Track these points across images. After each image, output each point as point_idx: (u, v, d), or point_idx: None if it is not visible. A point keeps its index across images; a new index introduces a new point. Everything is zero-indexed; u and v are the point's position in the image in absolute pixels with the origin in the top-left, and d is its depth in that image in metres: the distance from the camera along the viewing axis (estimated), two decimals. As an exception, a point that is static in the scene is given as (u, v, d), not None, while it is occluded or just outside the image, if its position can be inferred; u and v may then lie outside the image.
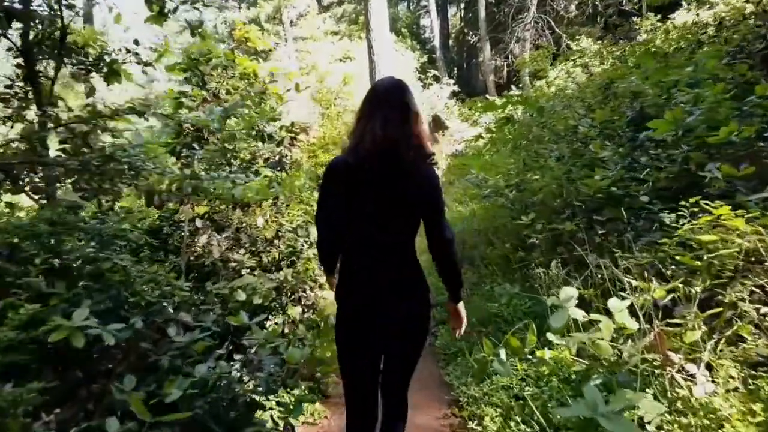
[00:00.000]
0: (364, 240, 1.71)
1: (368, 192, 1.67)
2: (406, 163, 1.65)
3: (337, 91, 11.20)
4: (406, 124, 1.68)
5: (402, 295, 1.72)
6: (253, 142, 3.98)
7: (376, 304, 1.71)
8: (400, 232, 1.71)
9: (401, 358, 1.85)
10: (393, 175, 1.66)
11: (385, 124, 1.65)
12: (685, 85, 3.33)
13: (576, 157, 3.98)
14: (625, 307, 1.89)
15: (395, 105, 1.70)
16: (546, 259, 3.35)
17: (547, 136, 4.72)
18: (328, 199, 1.73)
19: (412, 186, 1.68)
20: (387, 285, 1.71)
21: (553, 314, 1.91)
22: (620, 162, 3.62)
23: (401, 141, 1.65)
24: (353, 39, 17.92)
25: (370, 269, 1.72)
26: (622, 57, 7.30)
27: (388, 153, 1.64)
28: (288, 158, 4.07)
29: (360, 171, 1.66)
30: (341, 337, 1.79)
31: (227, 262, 3.22)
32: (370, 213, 1.68)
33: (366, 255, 1.72)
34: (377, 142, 1.64)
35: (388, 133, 1.64)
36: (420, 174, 1.69)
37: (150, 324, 2.43)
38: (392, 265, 1.72)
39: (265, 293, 3.11)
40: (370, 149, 1.64)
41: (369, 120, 1.69)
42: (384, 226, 1.69)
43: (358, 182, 1.67)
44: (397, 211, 1.69)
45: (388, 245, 1.71)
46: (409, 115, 1.71)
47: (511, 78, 14.60)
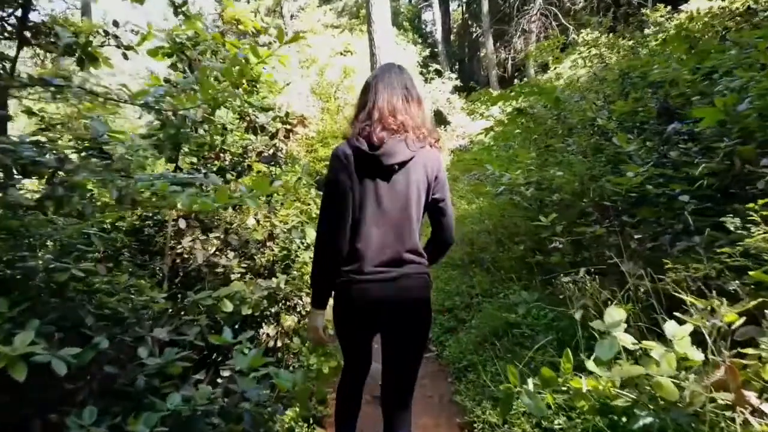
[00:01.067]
0: (374, 225, 1.67)
1: (377, 177, 1.65)
2: (413, 146, 1.65)
3: (337, 84, 10.80)
4: (411, 107, 1.70)
5: (407, 281, 1.69)
6: (246, 135, 3.60)
7: (381, 290, 1.68)
8: (408, 217, 1.68)
9: (402, 350, 1.79)
10: (402, 159, 1.64)
11: (390, 108, 1.67)
12: (726, 72, 2.95)
13: (597, 152, 3.61)
14: (687, 333, 1.53)
15: (398, 89, 1.71)
16: (569, 264, 2.99)
17: (562, 129, 4.35)
18: (338, 190, 1.67)
19: (419, 170, 1.67)
20: (392, 270, 1.68)
21: (599, 343, 1.54)
22: (647, 157, 3.26)
23: (408, 124, 1.66)
24: (354, 32, 17.50)
25: (380, 255, 1.67)
26: (635, 47, 6.91)
27: (395, 137, 1.64)
28: (283, 152, 3.69)
29: (366, 156, 1.63)
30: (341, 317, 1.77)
31: (214, 267, 2.86)
32: (380, 198, 1.66)
33: (375, 240, 1.67)
34: (385, 126, 1.64)
35: (395, 117, 1.66)
36: (426, 157, 1.69)
37: (118, 343, 2.07)
38: (403, 251, 1.69)
39: (255, 302, 2.75)
40: (379, 134, 1.63)
41: (372, 105, 1.69)
42: (392, 211, 1.67)
43: (367, 168, 1.65)
44: (406, 196, 1.67)
45: (399, 230, 1.68)
46: (412, 98, 1.73)
47: (514, 72, 14.18)
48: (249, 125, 3.35)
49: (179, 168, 3.24)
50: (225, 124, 3.29)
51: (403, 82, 1.75)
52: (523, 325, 2.89)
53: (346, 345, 1.89)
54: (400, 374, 1.84)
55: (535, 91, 3.93)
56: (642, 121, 4.13)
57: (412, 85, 1.77)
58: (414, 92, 1.76)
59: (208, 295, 2.55)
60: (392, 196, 1.67)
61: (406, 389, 1.86)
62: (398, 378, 1.84)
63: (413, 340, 1.78)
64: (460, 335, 3.53)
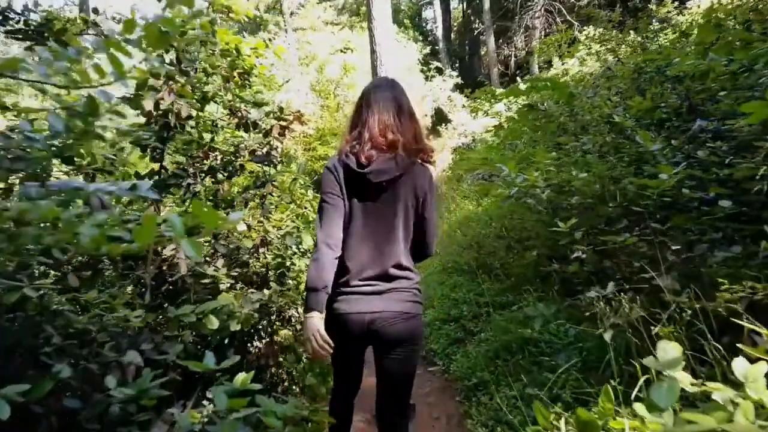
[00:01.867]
0: (362, 240, 1.69)
1: (366, 194, 1.67)
2: (402, 165, 1.66)
3: (336, 81, 10.50)
4: (403, 125, 1.71)
5: (395, 295, 1.70)
6: (238, 132, 3.31)
7: (368, 304, 1.69)
8: (395, 233, 1.70)
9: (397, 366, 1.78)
10: (390, 177, 1.65)
11: (381, 125, 1.68)
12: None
13: (617, 151, 3.32)
14: (761, 375, 1.24)
15: (390, 105, 1.72)
16: (588, 274, 2.71)
17: (573, 125, 4.05)
18: (331, 203, 1.69)
19: (407, 188, 1.69)
20: (380, 284, 1.70)
21: (655, 387, 1.25)
22: (672, 157, 2.97)
23: (398, 142, 1.67)
24: (355, 30, 17.19)
25: (367, 270, 1.69)
26: (644, 43, 6.61)
27: (385, 155, 1.65)
28: (279, 151, 3.39)
29: (354, 174, 1.65)
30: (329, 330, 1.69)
31: (201, 277, 2.57)
32: (369, 215, 1.68)
33: (363, 255, 1.69)
34: (375, 144, 1.66)
35: (385, 135, 1.66)
36: (416, 176, 1.71)
37: (83, 371, 1.78)
38: (389, 266, 1.70)
39: (245, 317, 2.46)
40: (368, 152, 1.64)
41: (364, 121, 1.71)
42: (379, 227, 1.69)
43: (355, 185, 1.67)
44: (394, 213, 1.69)
45: (387, 246, 1.70)
46: (404, 114, 1.73)
47: (516, 70, 13.86)
48: (240, 121, 3.05)
49: (164, 168, 2.95)
50: (214, 120, 2.99)
51: (396, 97, 1.76)
52: (541, 342, 2.60)
53: (336, 358, 1.83)
54: (394, 387, 1.83)
55: (548, 86, 3.63)
56: (661, 119, 3.84)
57: (404, 99, 1.78)
58: (406, 107, 1.76)
59: (191, 310, 2.27)
60: (380, 212, 1.69)
61: (401, 402, 1.86)
62: (392, 391, 1.84)
63: (404, 353, 1.77)
64: (469, 348, 3.24)
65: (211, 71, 3.01)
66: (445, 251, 5.15)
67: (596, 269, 2.58)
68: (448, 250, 5.05)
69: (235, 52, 3.14)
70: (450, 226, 5.87)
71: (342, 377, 1.93)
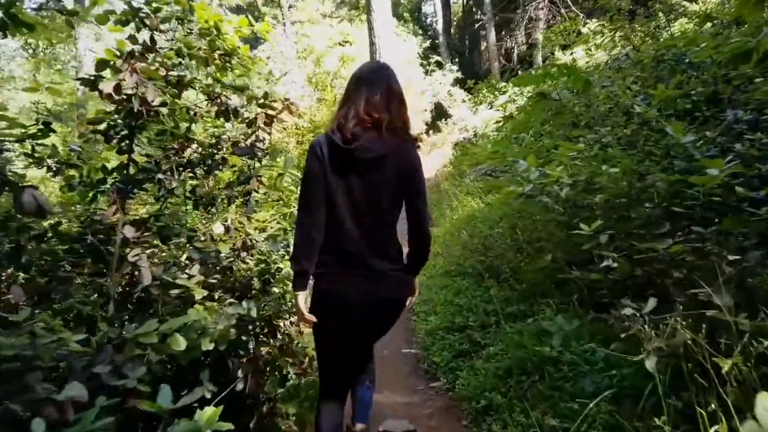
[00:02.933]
0: (346, 219, 1.66)
1: (351, 171, 1.65)
2: (389, 143, 1.65)
3: (334, 73, 10.09)
4: (390, 105, 1.69)
5: (380, 277, 1.70)
6: (218, 122, 2.93)
7: (357, 289, 1.69)
8: (383, 214, 1.68)
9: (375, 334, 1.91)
10: (376, 155, 1.64)
11: (368, 104, 1.66)
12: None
13: (641, 144, 2.96)
14: None
15: (379, 86, 1.71)
16: (612, 283, 2.34)
17: (589, 116, 3.68)
18: (312, 181, 1.66)
19: (394, 167, 1.66)
20: (365, 264, 1.68)
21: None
22: (707, 150, 2.61)
23: (384, 121, 1.65)
24: (354, 23, 16.74)
25: (353, 252, 1.67)
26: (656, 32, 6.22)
27: (370, 133, 1.64)
28: (266, 142, 3.01)
29: (343, 150, 1.63)
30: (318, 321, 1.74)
31: (170, 287, 2.20)
32: (353, 193, 1.65)
33: (347, 234, 1.67)
34: (360, 121, 1.64)
35: (371, 113, 1.65)
36: (402, 155, 1.69)
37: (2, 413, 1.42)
38: (375, 248, 1.69)
39: (220, 333, 2.10)
40: (353, 128, 1.63)
41: (353, 100, 1.69)
42: (364, 205, 1.66)
43: (340, 161, 1.64)
44: (379, 192, 1.66)
45: (371, 226, 1.68)
46: (393, 96, 1.72)
47: (519, 62, 13.44)
48: (220, 109, 2.67)
49: (133, 161, 2.57)
50: (189, 107, 2.61)
51: (387, 80, 1.74)
52: (562, 362, 2.24)
53: (321, 345, 1.85)
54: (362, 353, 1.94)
55: (564, 73, 3.26)
56: (686, 109, 3.47)
57: (394, 83, 1.76)
58: (396, 91, 1.75)
59: (152, 328, 1.90)
60: (365, 190, 1.66)
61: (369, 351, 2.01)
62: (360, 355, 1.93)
63: (380, 332, 1.90)
64: (476, 363, 2.88)
65: (187, 52, 2.63)
66: (447, 252, 4.78)
67: (625, 278, 2.21)
68: (451, 251, 4.68)
69: (215, 31, 2.75)
70: (453, 224, 5.49)
71: (332, 367, 1.87)
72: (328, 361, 1.86)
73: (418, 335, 3.69)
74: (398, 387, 3.08)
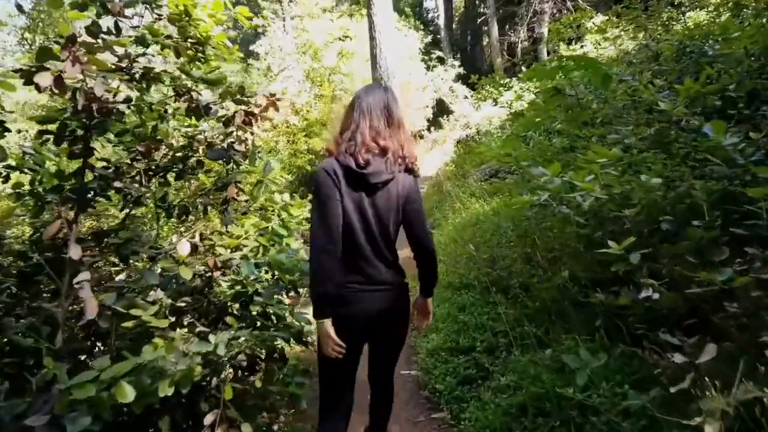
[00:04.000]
0: (359, 241, 1.73)
1: (360, 194, 1.72)
2: (391, 168, 1.74)
3: (332, 68, 9.68)
4: (392, 132, 1.78)
5: (389, 294, 1.80)
6: (191, 121, 2.56)
7: (376, 305, 1.77)
8: (388, 232, 1.78)
9: (387, 350, 1.96)
10: (385, 179, 1.72)
11: (372, 130, 1.74)
12: None
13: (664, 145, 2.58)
14: None
15: (381, 112, 1.78)
16: (644, 311, 1.97)
17: (607, 113, 3.30)
18: (330, 204, 1.68)
19: (398, 190, 1.76)
20: (377, 281, 1.77)
21: None
22: (752, 154, 2.23)
23: (390, 149, 1.74)
24: (354, 18, 16.29)
25: (365, 269, 1.75)
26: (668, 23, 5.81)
27: (379, 158, 1.72)
28: (249, 143, 2.63)
29: (354, 174, 1.69)
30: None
31: (124, 317, 1.83)
32: (365, 214, 1.73)
33: (361, 255, 1.75)
34: (368, 148, 1.71)
35: (377, 141, 1.73)
36: (404, 180, 1.79)
37: None
38: (385, 264, 1.79)
39: (182, 374, 1.74)
40: (360, 155, 1.69)
41: (357, 126, 1.75)
42: (374, 226, 1.74)
43: (354, 184, 1.71)
44: (387, 212, 1.75)
45: (381, 244, 1.77)
46: (394, 122, 1.79)
47: (523, 57, 12.99)
48: (190, 106, 2.30)
49: (90, 167, 2.20)
50: (153, 104, 2.23)
51: (387, 104, 1.80)
52: (589, 408, 1.86)
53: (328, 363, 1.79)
54: (384, 368, 2.03)
55: (581, 65, 2.87)
56: (716, 108, 3.08)
57: (395, 106, 1.82)
58: (396, 114, 1.81)
59: (91, 377, 1.54)
60: (375, 212, 1.74)
61: (388, 374, 2.06)
62: (383, 370, 2.04)
63: (396, 344, 1.95)
64: (484, 394, 2.51)
65: (152, 39, 2.25)
66: (449, 258, 4.40)
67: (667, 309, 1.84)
68: (453, 259, 4.30)
69: (186, 16, 2.37)
70: (455, 228, 5.10)
71: (334, 390, 1.88)
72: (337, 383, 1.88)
73: (418, 354, 3.32)
74: (396, 417, 2.71)
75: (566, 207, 2.30)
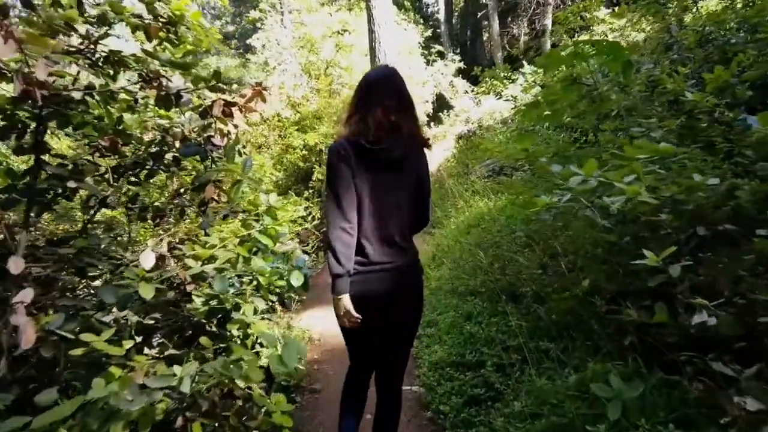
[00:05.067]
0: (375, 219, 1.71)
1: (373, 171, 1.69)
2: (409, 145, 1.73)
3: (328, 61, 9.32)
4: (405, 110, 1.75)
5: (406, 270, 1.80)
6: (163, 112, 2.24)
7: (384, 280, 1.74)
8: (402, 208, 1.76)
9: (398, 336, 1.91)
10: (399, 155, 1.71)
11: (385, 110, 1.70)
12: None
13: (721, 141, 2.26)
14: None
15: (392, 92, 1.75)
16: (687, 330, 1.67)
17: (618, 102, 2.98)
18: (343, 183, 1.67)
19: (412, 167, 1.76)
20: (393, 260, 1.75)
21: None
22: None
23: (404, 126, 1.72)
24: (353, 11, 15.88)
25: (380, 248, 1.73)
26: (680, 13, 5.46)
27: (392, 136, 1.69)
28: (230, 138, 2.31)
29: (366, 151, 1.67)
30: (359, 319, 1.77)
31: (74, 344, 1.53)
32: (379, 191, 1.70)
33: (377, 233, 1.72)
34: (380, 126, 1.68)
35: (390, 118, 1.69)
36: (419, 157, 1.80)
37: None
38: (400, 241, 1.76)
39: (138, 414, 1.44)
40: (376, 132, 1.67)
41: (368, 107, 1.72)
42: (389, 203, 1.73)
43: (366, 162, 1.68)
44: (402, 189, 1.74)
45: (393, 220, 1.74)
46: (405, 101, 1.77)
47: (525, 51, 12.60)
48: (159, 94, 1.98)
49: (42, 164, 1.88)
50: (115, 91, 1.91)
51: (396, 86, 1.78)
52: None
53: (350, 334, 1.86)
54: (395, 354, 1.95)
55: (603, 49, 2.55)
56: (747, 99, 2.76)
57: (405, 89, 1.80)
58: (406, 96, 1.79)
59: (22, 425, 1.24)
60: (389, 188, 1.72)
61: (400, 367, 1.99)
62: (395, 357, 1.95)
63: (407, 329, 1.93)
64: (495, 420, 2.21)
65: (115, 18, 1.93)
66: (452, 262, 4.09)
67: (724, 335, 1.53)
68: (457, 262, 3.98)
69: (154, -11, 2.04)
70: (458, 229, 4.78)
71: (359, 354, 1.95)
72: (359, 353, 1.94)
73: (420, 368, 3.01)
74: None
75: (591, 209, 1.99)
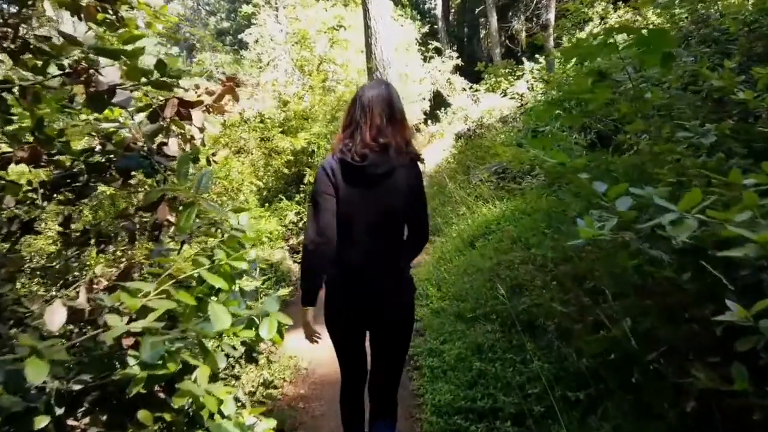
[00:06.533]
0: (356, 231, 1.73)
1: (359, 187, 1.71)
2: (397, 159, 1.72)
3: (321, 57, 8.83)
4: (394, 128, 1.75)
5: (390, 284, 1.80)
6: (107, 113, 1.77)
7: (366, 294, 1.77)
8: (389, 223, 1.76)
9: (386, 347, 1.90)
10: (386, 169, 1.71)
11: (373, 129, 1.71)
12: None
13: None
14: None
15: (382, 109, 1.74)
16: None
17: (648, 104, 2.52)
18: (324, 199, 1.71)
19: (402, 180, 1.74)
20: (377, 274, 1.77)
21: None
22: None
23: (391, 146, 1.71)
24: (348, 6, 15.36)
25: (362, 262, 1.75)
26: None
27: (378, 156, 1.69)
28: (193, 145, 1.84)
29: (351, 167, 1.70)
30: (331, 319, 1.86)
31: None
32: (366, 207, 1.72)
33: (359, 247, 1.74)
34: (368, 146, 1.70)
35: (377, 139, 1.70)
36: (409, 169, 1.77)
37: None
38: (386, 255, 1.77)
39: None
40: (361, 150, 1.69)
41: (357, 124, 1.74)
42: (375, 217, 1.73)
43: (353, 178, 1.71)
44: (390, 204, 1.73)
45: (379, 234, 1.75)
46: (395, 118, 1.76)
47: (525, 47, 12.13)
48: (89, 91, 1.51)
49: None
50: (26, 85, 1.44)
51: (389, 101, 1.77)
52: None
53: (338, 345, 1.92)
54: (385, 369, 1.93)
55: (643, 40, 2.09)
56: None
57: (397, 103, 1.79)
58: (398, 111, 1.78)
59: None
60: (375, 203, 1.73)
61: (390, 382, 1.95)
62: (385, 372, 1.93)
63: (396, 342, 1.89)
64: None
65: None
66: (455, 276, 3.63)
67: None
68: (460, 277, 3.52)
69: (87, -42, 1.57)
70: (461, 238, 4.32)
71: (346, 364, 1.98)
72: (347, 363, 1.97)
73: (423, 412, 2.55)
74: None
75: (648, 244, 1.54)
